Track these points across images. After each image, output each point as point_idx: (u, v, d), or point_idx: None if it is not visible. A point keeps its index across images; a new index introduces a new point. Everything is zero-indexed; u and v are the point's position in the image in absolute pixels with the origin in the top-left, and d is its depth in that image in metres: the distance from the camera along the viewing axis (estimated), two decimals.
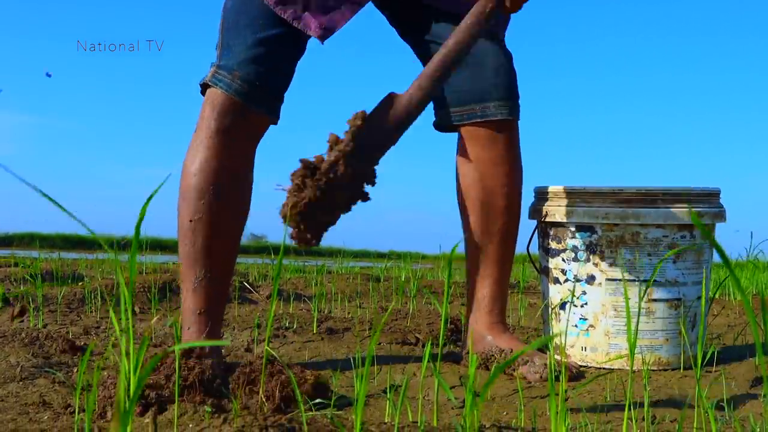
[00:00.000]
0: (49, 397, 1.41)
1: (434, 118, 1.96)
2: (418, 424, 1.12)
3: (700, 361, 1.26)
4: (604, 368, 1.88)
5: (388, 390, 1.17)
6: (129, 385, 0.86)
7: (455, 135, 1.94)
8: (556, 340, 1.95)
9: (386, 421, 1.14)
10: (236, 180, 1.76)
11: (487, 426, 1.25)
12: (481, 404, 1.52)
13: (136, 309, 2.81)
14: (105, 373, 1.30)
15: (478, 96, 1.87)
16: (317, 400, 1.28)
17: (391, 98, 1.48)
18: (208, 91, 1.75)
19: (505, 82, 1.88)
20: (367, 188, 1.47)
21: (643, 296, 1.85)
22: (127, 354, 0.87)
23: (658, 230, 1.86)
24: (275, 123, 1.82)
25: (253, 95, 1.73)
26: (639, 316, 1.39)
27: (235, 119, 1.73)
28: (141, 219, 0.96)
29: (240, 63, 1.73)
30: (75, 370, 1.67)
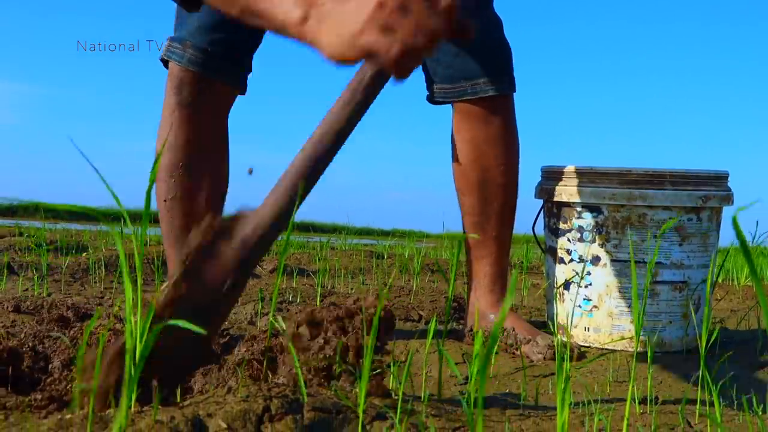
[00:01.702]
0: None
1: (427, 93, 1.91)
2: (422, 398, 1.12)
3: (704, 343, 1.26)
4: (606, 349, 1.88)
5: (392, 364, 1.17)
6: (135, 353, 0.86)
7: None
8: (561, 320, 1.95)
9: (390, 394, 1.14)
10: (206, 151, 1.71)
11: (490, 402, 1.25)
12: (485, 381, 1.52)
13: (140, 280, 2.81)
14: (109, 336, 1.30)
15: (467, 72, 1.81)
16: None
17: (227, 224, 1.04)
18: (168, 66, 1.70)
19: (495, 57, 1.82)
20: None
21: (647, 278, 1.84)
22: (133, 322, 0.87)
23: (665, 212, 1.85)
24: (242, 92, 1.76)
25: (207, 64, 1.67)
26: (645, 298, 1.39)
27: (193, 90, 1.68)
28: (150, 187, 0.95)
29: (192, 32, 1.67)
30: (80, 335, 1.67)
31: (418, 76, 1.93)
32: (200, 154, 1.71)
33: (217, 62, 1.68)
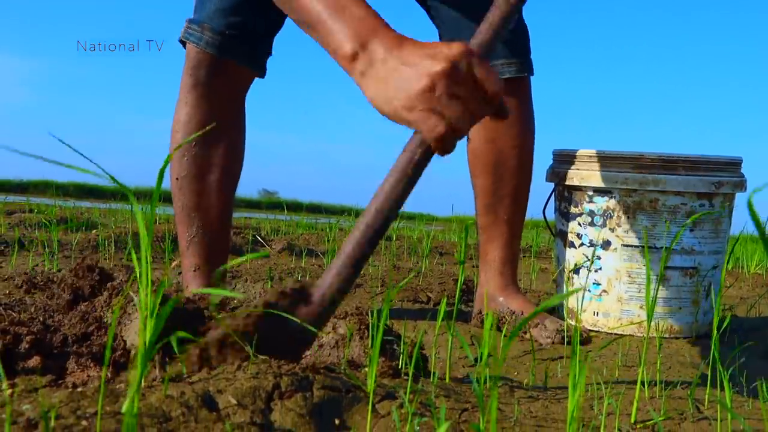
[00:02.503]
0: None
1: None
2: (431, 379, 1.12)
3: (716, 329, 1.26)
4: (614, 334, 1.88)
5: (401, 344, 1.17)
6: (146, 329, 0.86)
7: None
8: (570, 304, 1.95)
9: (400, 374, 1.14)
10: (220, 132, 1.71)
11: (499, 384, 1.25)
12: (493, 363, 1.52)
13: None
14: (123, 312, 1.31)
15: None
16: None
17: (298, 295, 1.10)
18: (186, 48, 1.71)
19: (515, 39, 1.81)
20: None
21: (661, 264, 1.84)
22: (145, 299, 0.87)
23: (677, 197, 1.84)
24: (260, 76, 1.77)
25: (225, 46, 1.68)
26: (656, 283, 1.38)
27: (210, 72, 1.69)
28: (165, 166, 0.95)
29: (210, 15, 1.68)
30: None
31: None
32: (215, 136, 1.71)
33: (234, 45, 1.68)
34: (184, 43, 1.72)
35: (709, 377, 1.27)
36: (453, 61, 1.06)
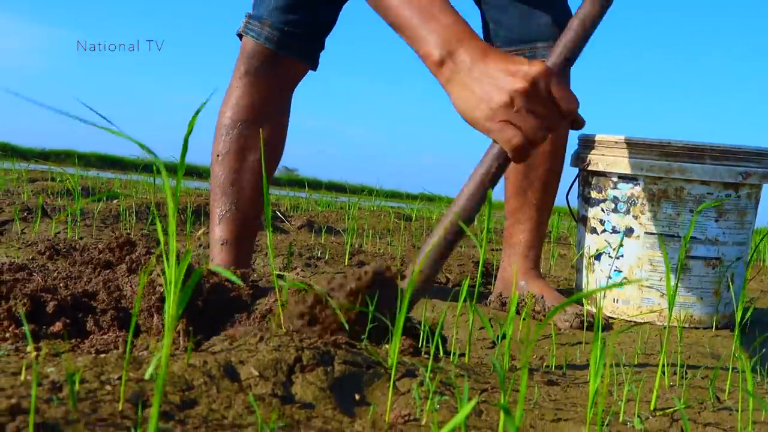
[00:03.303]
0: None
1: None
2: (451, 358, 1.12)
3: (739, 320, 1.25)
4: (634, 321, 1.87)
5: (422, 323, 1.17)
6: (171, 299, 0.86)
7: None
8: (592, 290, 1.94)
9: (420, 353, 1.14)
10: (265, 117, 1.78)
11: (518, 366, 1.25)
12: (520, 345, 1.52)
13: (170, 229, 2.84)
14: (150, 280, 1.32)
15: (526, 35, 1.80)
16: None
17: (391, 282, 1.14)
18: (242, 40, 1.78)
19: (558, 22, 1.80)
20: None
21: (684, 253, 1.82)
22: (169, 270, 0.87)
23: (703, 186, 1.82)
24: (313, 69, 1.83)
25: (283, 42, 1.74)
26: (679, 272, 1.37)
27: (264, 63, 1.75)
28: (189, 133, 0.95)
29: (269, 11, 1.74)
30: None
31: None
32: (260, 119, 1.78)
33: (292, 41, 1.75)
34: (240, 36, 1.79)
35: (730, 368, 1.26)
36: (533, 80, 1.15)
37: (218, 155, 1.77)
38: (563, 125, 1.22)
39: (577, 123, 1.24)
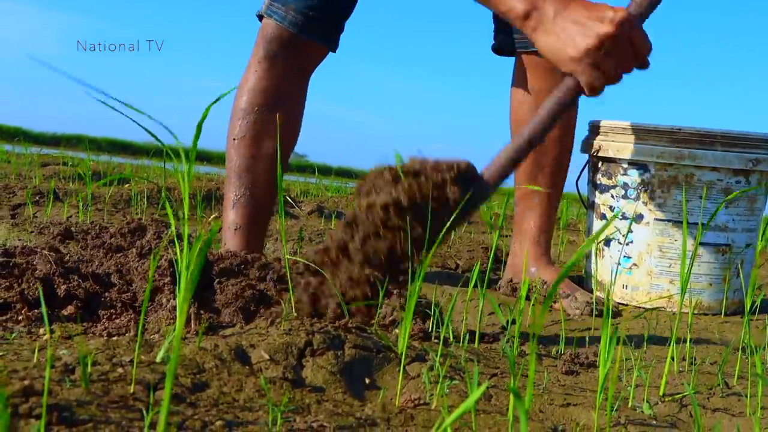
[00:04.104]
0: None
1: (493, 42, 1.92)
2: (461, 343, 1.12)
3: (748, 307, 1.25)
4: (643, 307, 1.87)
5: (433, 308, 1.17)
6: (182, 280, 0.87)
7: (507, 66, 1.90)
8: (601, 277, 1.94)
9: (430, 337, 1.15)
10: (282, 102, 1.77)
11: (527, 351, 1.26)
12: (530, 329, 1.52)
13: (180, 214, 2.84)
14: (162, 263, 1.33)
15: None
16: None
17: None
18: (262, 21, 1.77)
19: None
20: None
21: (695, 240, 1.82)
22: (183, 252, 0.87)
23: (713, 173, 1.82)
24: (333, 51, 1.83)
25: (306, 26, 1.74)
26: (690, 259, 1.37)
27: (285, 46, 1.75)
28: (202, 119, 0.95)
29: None
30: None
31: (468, 27, 1.93)
32: (277, 104, 1.77)
33: (315, 25, 1.75)
34: (260, 17, 1.78)
35: (739, 353, 1.27)
36: (619, 24, 1.26)
37: (234, 139, 1.76)
38: (637, 66, 1.32)
39: (646, 66, 1.34)
